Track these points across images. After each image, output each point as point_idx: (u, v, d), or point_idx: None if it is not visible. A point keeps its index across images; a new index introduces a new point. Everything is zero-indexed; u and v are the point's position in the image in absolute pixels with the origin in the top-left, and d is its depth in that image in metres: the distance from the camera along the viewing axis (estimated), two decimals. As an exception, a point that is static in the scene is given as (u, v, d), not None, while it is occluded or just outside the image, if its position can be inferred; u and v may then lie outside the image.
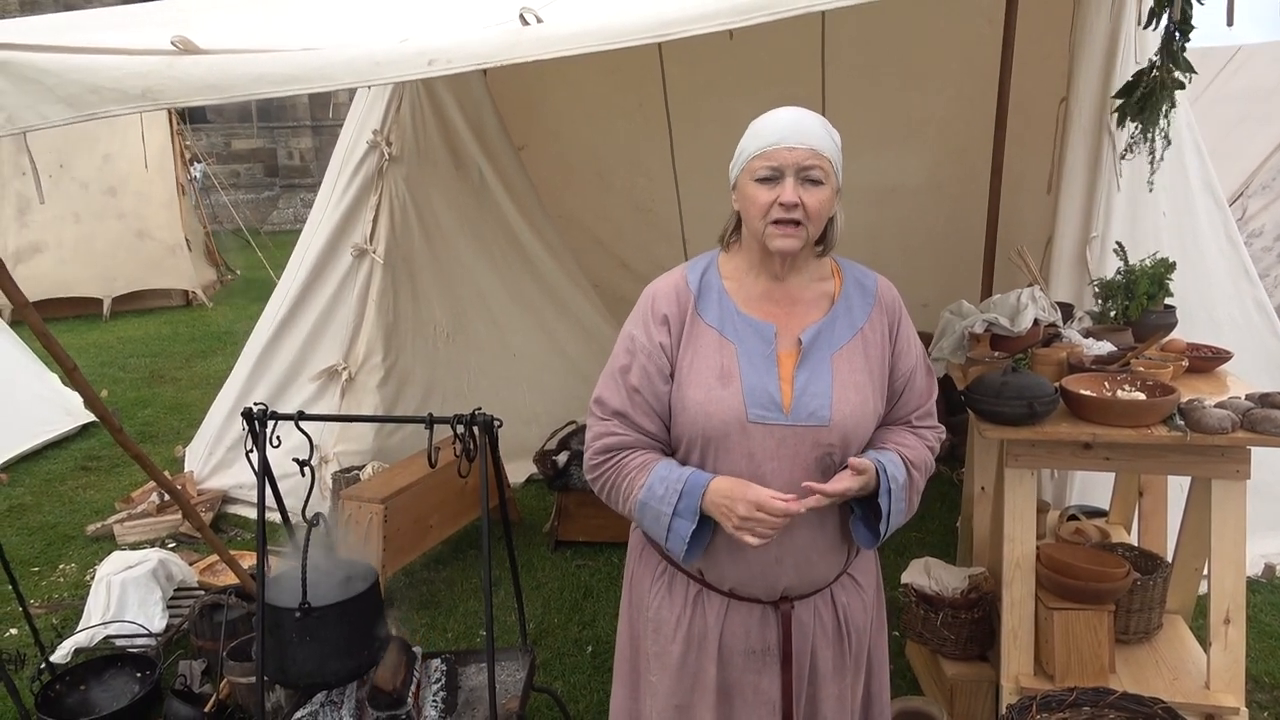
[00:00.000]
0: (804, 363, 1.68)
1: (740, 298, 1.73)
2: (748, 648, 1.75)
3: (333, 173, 4.75)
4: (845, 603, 1.80)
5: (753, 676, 1.76)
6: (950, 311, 3.21)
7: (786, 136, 1.62)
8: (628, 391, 1.71)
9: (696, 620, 1.77)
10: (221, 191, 12.30)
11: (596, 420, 1.76)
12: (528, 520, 4.51)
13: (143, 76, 2.28)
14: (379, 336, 4.55)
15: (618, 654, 1.97)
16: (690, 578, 1.78)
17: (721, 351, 1.68)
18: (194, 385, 7.09)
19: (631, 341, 1.73)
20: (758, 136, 1.65)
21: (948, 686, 2.81)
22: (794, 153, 1.61)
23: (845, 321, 1.73)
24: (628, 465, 1.71)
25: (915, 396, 1.79)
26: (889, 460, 1.70)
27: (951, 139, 5.11)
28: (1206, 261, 3.86)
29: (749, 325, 1.70)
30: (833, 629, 1.79)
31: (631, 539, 1.94)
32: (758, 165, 1.64)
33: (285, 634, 2.24)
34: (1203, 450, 2.44)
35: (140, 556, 3.61)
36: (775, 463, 1.65)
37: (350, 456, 4.43)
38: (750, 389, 1.65)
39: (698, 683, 1.78)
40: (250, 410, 2.35)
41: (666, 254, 5.82)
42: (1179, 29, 2.77)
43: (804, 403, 1.65)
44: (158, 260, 9.98)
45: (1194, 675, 2.62)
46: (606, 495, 1.76)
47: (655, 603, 1.81)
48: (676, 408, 1.70)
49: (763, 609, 1.75)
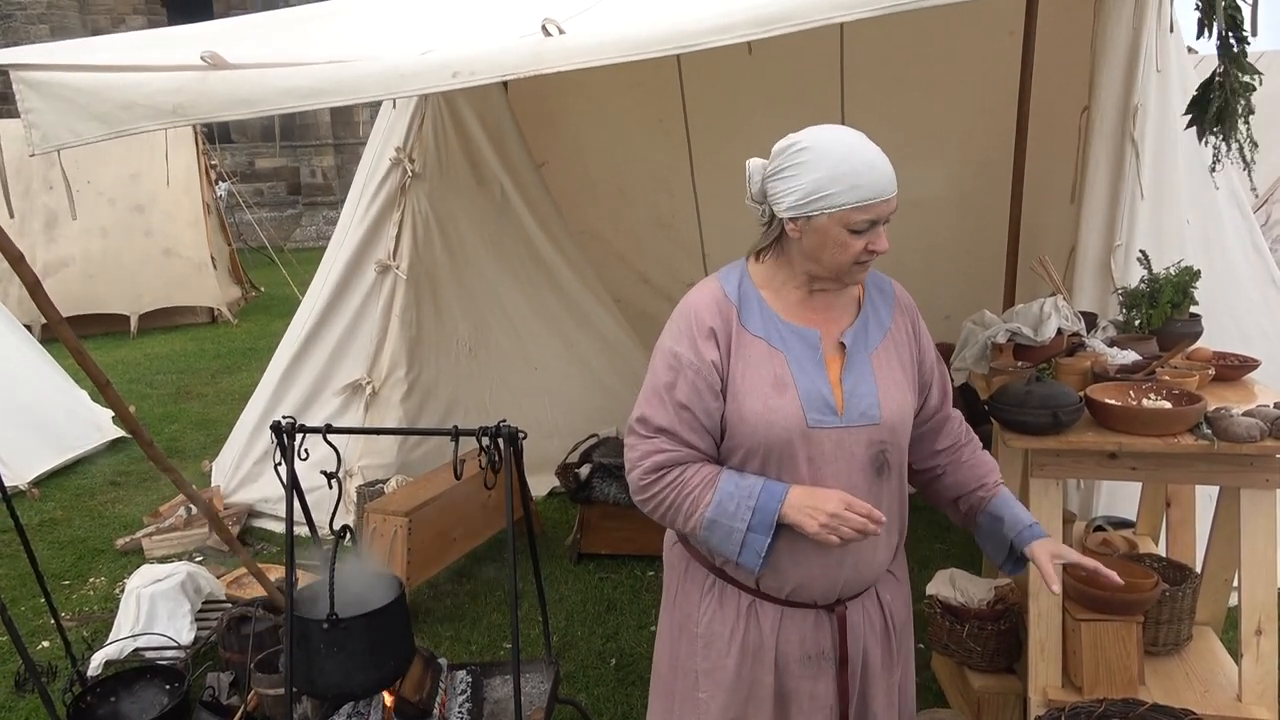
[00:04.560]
0: (850, 365, 1.72)
1: (779, 306, 1.74)
2: (803, 654, 1.75)
3: (356, 189, 4.82)
4: (889, 599, 1.82)
5: (809, 683, 1.76)
6: (973, 322, 3.20)
7: (886, 190, 1.61)
8: (675, 408, 1.69)
9: (751, 631, 1.76)
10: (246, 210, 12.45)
11: (640, 439, 1.72)
12: (550, 533, 4.52)
13: (174, 93, 2.33)
14: (402, 351, 4.59)
15: (655, 675, 1.95)
16: (742, 589, 1.77)
17: (772, 360, 1.69)
18: (219, 401, 7.17)
19: (675, 359, 1.70)
20: (855, 188, 1.58)
21: (975, 699, 2.79)
22: (888, 204, 1.62)
23: (875, 323, 1.78)
24: (689, 482, 1.68)
25: (941, 387, 1.89)
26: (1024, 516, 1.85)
27: (973, 151, 5.10)
28: (1233, 270, 3.83)
29: (794, 333, 1.72)
30: (880, 626, 1.80)
31: (670, 555, 1.92)
32: (857, 217, 1.60)
33: (313, 645, 2.26)
34: (1231, 459, 2.42)
35: (169, 570, 3.65)
36: (834, 465, 1.67)
37: (374, 470, 4.46)
38: (807, 395, 1.67)
39: (753, 694, 1.77)
40: (279, 424, 2.38)
41: (687, 268, 5.85)
42: (1233, 33, 2.76)
43: (855, 403, 1.68)
44: (184, 278, 10.12)
45: (1225, 687, 2.58)
46: (662, 514, 1.73)
47: (706, 617, 1.80)
48: (733, 420, 1.69)
49: (816, 614, 1.75)
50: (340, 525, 2.35)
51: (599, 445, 4.43)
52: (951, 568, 3.10)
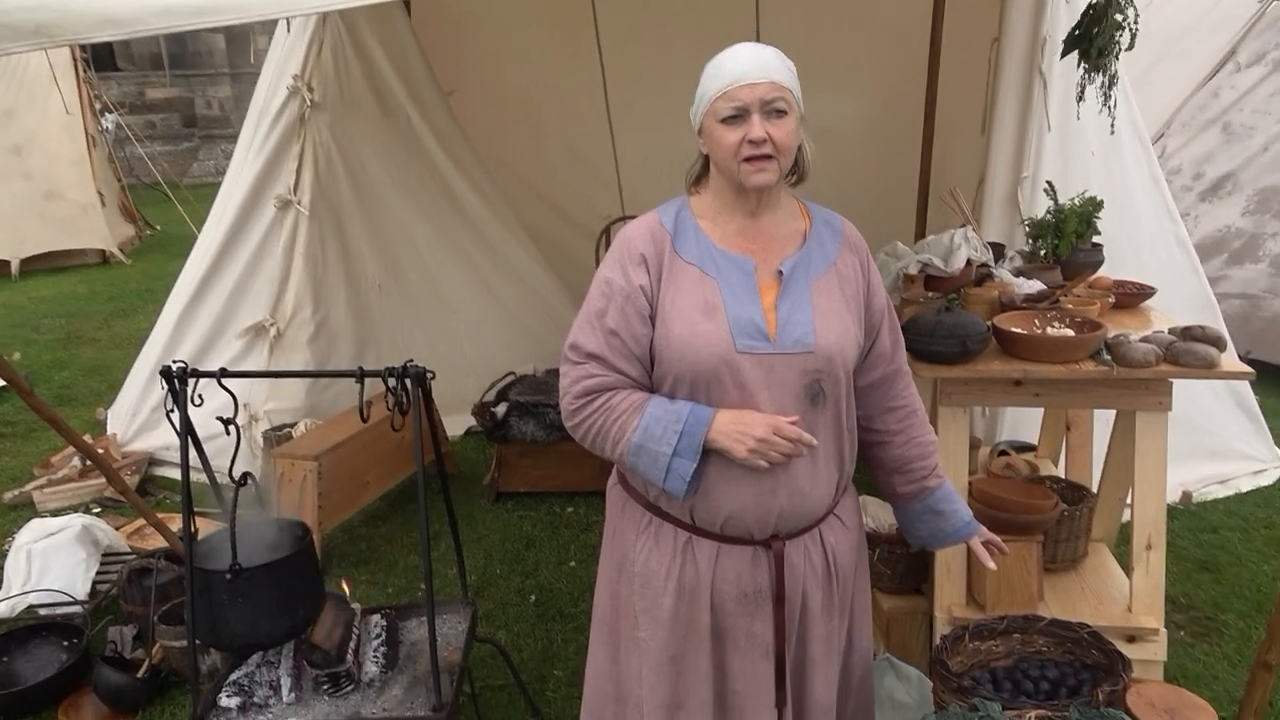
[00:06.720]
0: (785, 293, 1.70)
1: (716, 235, 1.73)
2: (740, 591, 1.74)
3: (252, 120, 4.55)
4: (833, 543, 1.80)
5: (745, 620, 1.75)
6: (885, 253, 3.22)
7: (746, 73, 1.63)
8: (605, 335, 1.68)
9: (687, 569, 1.74)
10: (137, 144, 11.71)
11: (572, 365, 1.71)
12: (468, 473, 4.47)
13: (34, 10, 2.12)
14: (308, 291, 4.41)
15: (596, 616, 1.92)
16: (679, 526, 1.75)
17: (703, 286, 1.68)
18: (114, 345, 6.83)
19: (607, 285, 1.70)
20: (717, 77, 1.65)
21: (884, 619, 2.88)
22: (755, 88, 1.62)
23: (819, 255, 1.76)
24: (616, 407, 1.68)
25: (892, 335, 1.86)
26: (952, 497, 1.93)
27: (886, 81, 5.10)
28: (1132, 200, 3.95)
29: (729, 260, 1.70)
30: (822, 570, 1.79)
31: (610, 495, 1.90)
32: (721, 106, 1.64)
33: (216, 597, 2.17)
34: (1128, 384, 2.50)
35: (62, 523, 3.48)
36: (766, 393, 1.65)
37: (282, 414, 4.31)
38: (736, 320, 1.65)
39: (691, 631, 1.76)
40: (169, 368, 2.25)
41: (603, 201, 5.73)
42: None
43: (789, 330, 1.67)
44: (70, 220, 9.45)
45: (1117, 599, 2.72)
46: (591, 440, 1.72)
47: (642, 556, 1.78)
48: (660, 345, 1.68)
49: (754, 551, 1.74)
50: (241, 473, 2.25)
51: (516, 384, 4.37)
52: (864, 495, 3.16)
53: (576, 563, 3.69)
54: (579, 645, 3.00)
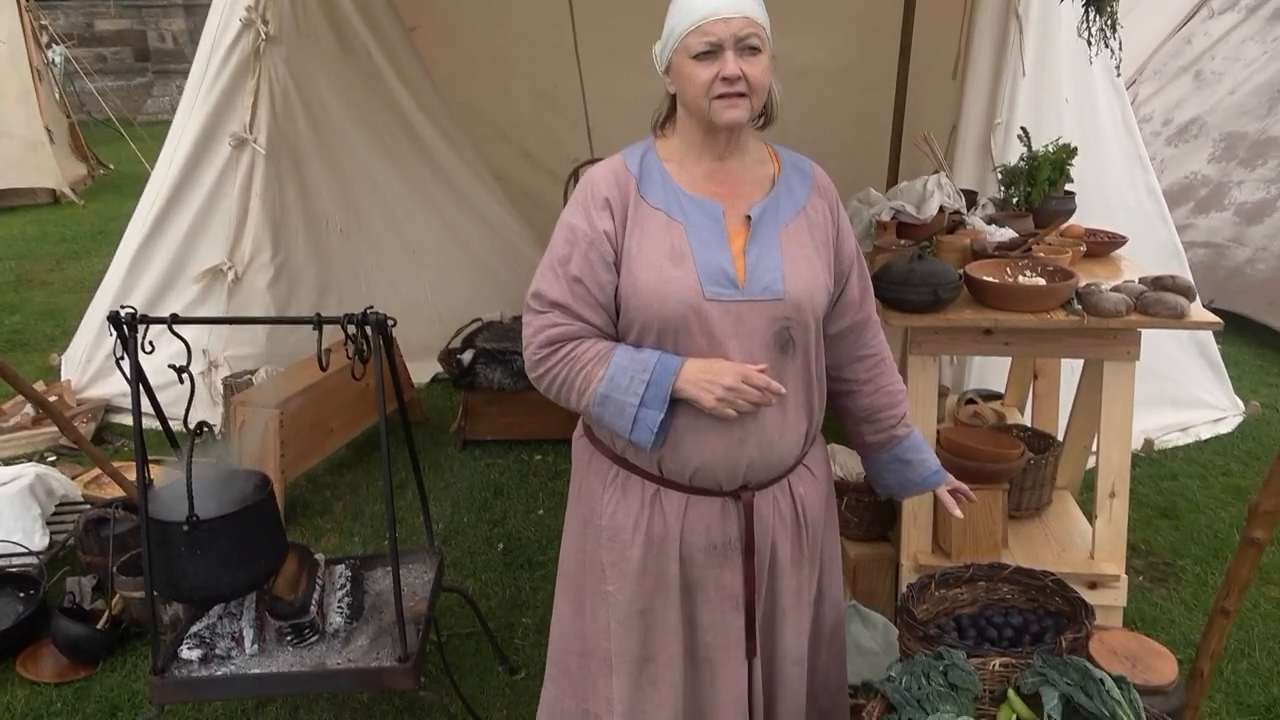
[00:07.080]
0: (754, 238, 1.65)
1: (684, 179, 1.67)
2: (709, 543, 1.72)
3: (204, 53, 4.36)
4: (802, 493, 1.78)
5: (714, 572, 1.73)
6: (858, 199, 3.17)
7: (720, 7, 1.56)
8: (568, 282, 1.63)
9: (655, 521, 1.71)
10: (86, 78, 11.25)
11: (535, 314, 1.66)
12: (435, 420, 4.42)
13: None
14: (266, 233, 4.28)
15: (561, 570, 1.89)
16: (646, 478, 1.72)
17: (670, 232, 1.63)
18: (67, 289, 6.63)
19: (571, 231, 1.65)
20: (689, 11, 1.58)
21: (851, 567, 2.90)
22: (730, 23, 1.55)
23: (788, 200, 1.71)
24: (581, 356, 1.63)
25: (861, 282, 1.82)
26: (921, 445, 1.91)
27: (860, 22, 5.00)
28: (1104, 147, 3.92)
29: (696, 204, 1.65)
30: (791, 520, 1.77)
31: (577, 447, 1.86)
32: (694, 41, 1.57)
33: (174, 548, 2.12)
34: (1098, 333, 2.50)
35: (14, 472, 3.38)
36: (735, 340, 1.61)
37: (242, 361, 4.21)
38: (704, 266, 1.60)
39: (660, 584, 1.74)
40: (117, 314, 2.16)
41: (571, 143, 5.60)
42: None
43: (757, 277, 1.62)
44: (17, 158, 9.10)
45: (1080, 547, 2.75)
46: (556, 392, 1.68)
47: (610, 509, 1.74)
48: (626, 293, 1.62)
49: (723, 502, 1.71)
50: (197, 422, 2.18)
51: (482, 330, 4.30)
52: (832, 443, 3.16)
53: (545, 511, 3.68)
54: (547, 593, 3.00)
